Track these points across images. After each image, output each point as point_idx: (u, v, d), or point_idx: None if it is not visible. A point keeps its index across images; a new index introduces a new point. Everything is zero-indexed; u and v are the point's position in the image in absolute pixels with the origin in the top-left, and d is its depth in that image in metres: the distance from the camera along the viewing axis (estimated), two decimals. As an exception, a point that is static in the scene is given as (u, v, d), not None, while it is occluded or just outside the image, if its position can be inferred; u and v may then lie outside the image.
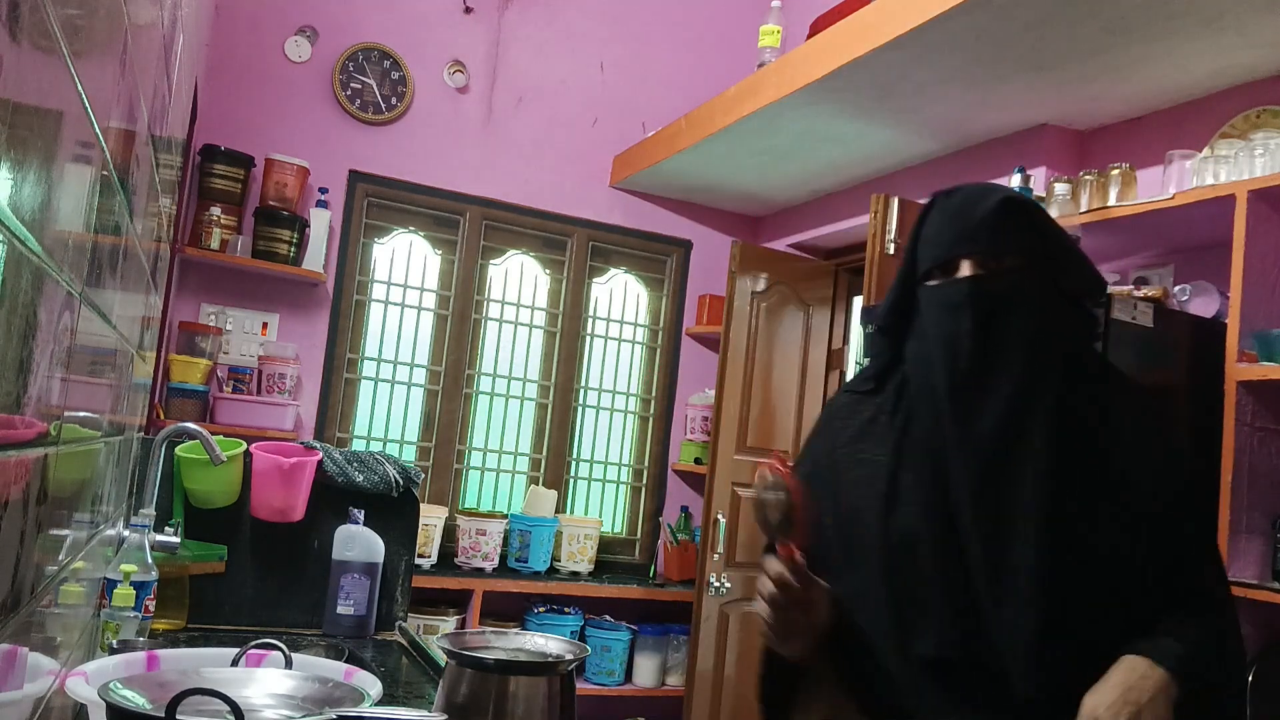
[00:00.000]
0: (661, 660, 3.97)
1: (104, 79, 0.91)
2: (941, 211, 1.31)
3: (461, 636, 1.12)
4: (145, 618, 1.69)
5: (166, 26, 1.49)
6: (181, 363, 3.34)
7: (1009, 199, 1.26)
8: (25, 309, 0.69)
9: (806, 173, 3.74)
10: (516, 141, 4.08)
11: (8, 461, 0.69)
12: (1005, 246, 1.26)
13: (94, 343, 1.10)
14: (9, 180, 0.60)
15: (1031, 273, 1.26)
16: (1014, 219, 1.26)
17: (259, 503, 2.17)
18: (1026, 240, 1.27)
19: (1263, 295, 2.16)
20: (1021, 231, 1.27)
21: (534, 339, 4.21)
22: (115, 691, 0.91)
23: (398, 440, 3.97)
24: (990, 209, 1.26)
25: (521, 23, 4.10)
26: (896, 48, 2.54)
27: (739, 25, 4.27)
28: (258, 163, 3.61)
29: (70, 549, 1.14)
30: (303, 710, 0.99)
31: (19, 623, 0.82)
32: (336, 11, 3.81)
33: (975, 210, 1.27)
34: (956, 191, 1.31)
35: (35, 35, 0.62)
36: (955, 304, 1.26)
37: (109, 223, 1.09)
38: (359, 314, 3.90)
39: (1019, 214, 1.27)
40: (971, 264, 1.26)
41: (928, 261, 1.30)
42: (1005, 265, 1.25)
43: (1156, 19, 2.24)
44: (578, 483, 4.27)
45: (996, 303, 1.25)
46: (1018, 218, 1.27)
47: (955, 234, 1.27)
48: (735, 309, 3.81)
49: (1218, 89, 2.59)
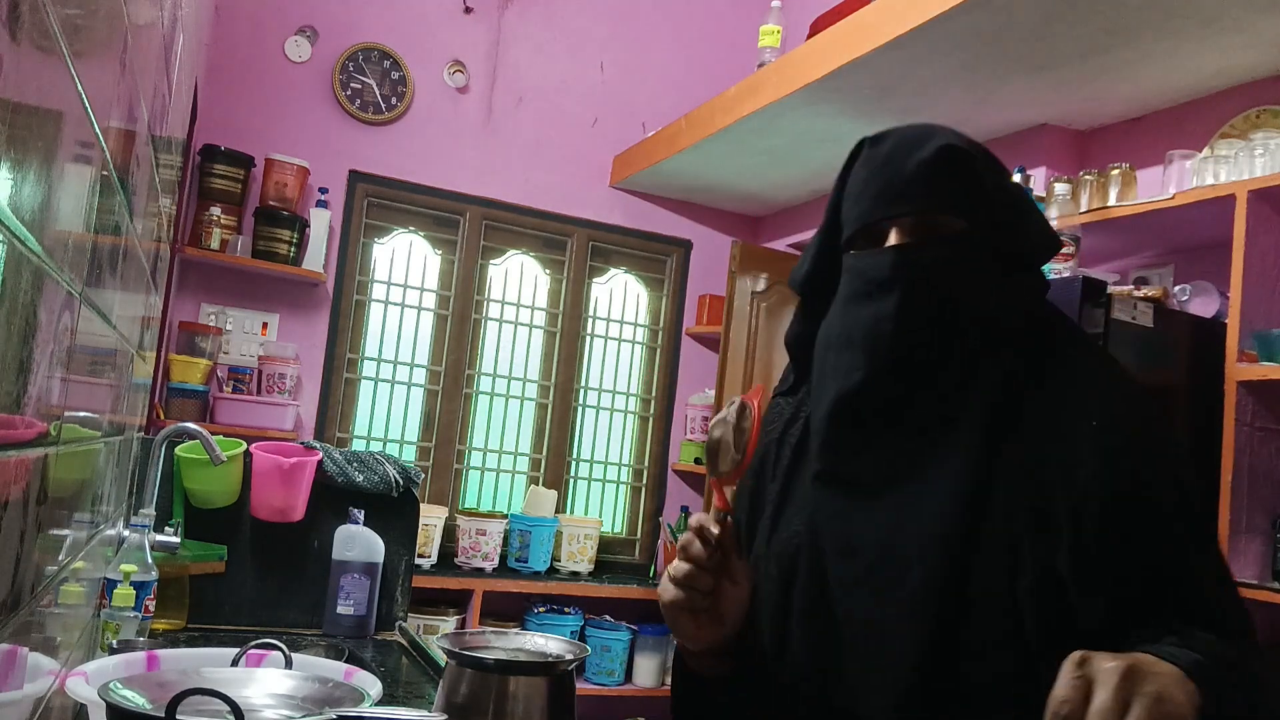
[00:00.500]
0: (661, 660, 3.97)
1: (104, 79, 0.91)
2: (868, 163, 1.06)
3: (461, 636, 1.12)
4: (145, 618, 1.69)
5: (166, 26, 1.49)
6: (181, 363, 3.34)
7: (948, 147, 1.02)
8: (25, 309, 0.69)
9: (806, 173, 3.74)
10: (516, 141, 4.08)
11: (8, 461, 0.69)
12: (942, 206, 1.02)
13: (94, 343, 1.10)
14: (9, 180, 0.60)
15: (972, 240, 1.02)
16: (954, 173, 1.02)
17: (259, 503, 2.17)
18: (968, 199, 1.02)
19: (1263, 295, 2.16)
20: (962, 188, 1.02)
21: (534, 339, 4.21)
22: (115, 691, 0.91)
23: (398, 440, 3.97)
24: (925, 161, 1.01)
25: (521, 23, 4.10)
26: (896, 48, 2.54)
27: (739, 25, 4.27)
28: (258, 163, 3.61)
29: (70, 549, 1.14)
30: (303, 710, 0.99)
31: (19, 623, 0.82)
32: (336, 11, 3.81)
33: (907, 162, 1.02)
34: (887, 137, 1.07)
35: (35, 35, 0.62)
36: (878, 280, 1.03)
37: (109, 223, 1.09)
38: (359, 314, 3.90)
39: (960, 166, 1.02)
40: (899, 230, 1.03)
41: (851, 224, 1.06)
42: (941, 231, 1.02)
43: (1156, 19, 2.24)
44: (578, 483, 4.27)
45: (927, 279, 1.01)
46: (958, 171, 1.02)
47: (881, 192, 1.03)
48: (735, 309, 3.81)
49: (1218, 89, 2.59)
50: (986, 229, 1.03)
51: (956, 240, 1.02)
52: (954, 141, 1.03)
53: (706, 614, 1.04)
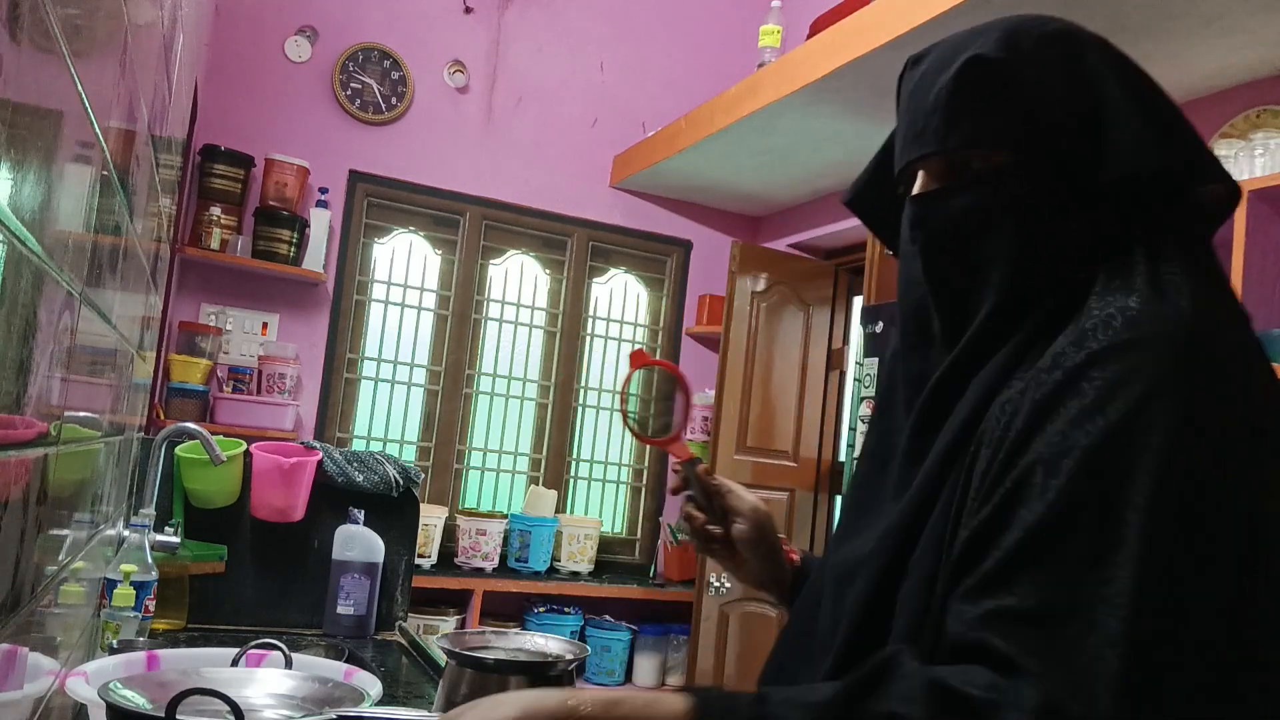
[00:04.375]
0: (661, 660, 3.97)
1: (104, 79, 0.91)
2: (903, 93, 0.89)
3: (461, 636, 1.12)
4: (145, 618, 1.69)
5: (166, 26, 1.49)
6: (181, 363, 3.34)
7: (971, 61, 0.80)
8: (25, 309, 0.69)
9: (806, 173, 3.74)
10: (516, 141, 4.08)
11: (8, 461, 0.69)
12: (965, 141, 0.81)
13: (94, 343, 1.10)
14: (9, 180, 0.60)
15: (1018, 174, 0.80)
16: (982, 94, 0.80)
17: (259, 503, 2.17)
18: (1005, 124, 0.80)
19: (1263, 295, 2.16)
20: (995, 111, 0.80)
21: (534, 339, 4.21)
22: (115, 691, 0.91)
23: (398, 440, 3.97)
24: (945, 86, 0.81)
25: (521, 23, 4.10)
26: (896, 48, 2.53)
27: (739, 25, 4.27)
28: (258, 163, 3.61)
29: (70, 549, 1.14)
30: (303, 710, 0.99)
31: (19, 623, 0.82)
32: (336, 11, 3.81)
33: (933, 87, 0.83)
34: (926, 55, 0.87)
35: (35, 35, 0.62)
36: (908, 238, 0.87)
37: (109, 223, 1.09)
38: (359, 314, 3.90)
39: (991, 83, 0.80)
40: (927, 175, 0.85)
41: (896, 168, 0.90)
42: (972, 172, 0.82)
43: (1156, 19, 2.24)
44: (578, 483, 4.27)
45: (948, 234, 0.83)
46: (988, 90, 0.80)
47: (907, 129, 0.86)
48: (735, 309, 3.81)
49: (1218, 89, 2.59)
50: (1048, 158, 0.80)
51: (995, 179, 0.81)
52: (984, 51, 0.80)
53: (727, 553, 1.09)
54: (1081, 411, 0.69)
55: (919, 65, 0.87)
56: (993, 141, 0.81)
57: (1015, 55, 0.81)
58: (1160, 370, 0.69)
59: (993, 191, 0.81)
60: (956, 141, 0.82)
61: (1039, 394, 0.72)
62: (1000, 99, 0.80)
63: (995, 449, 0.73)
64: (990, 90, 0.80)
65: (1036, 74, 0.80)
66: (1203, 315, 0.72)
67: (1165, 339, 0.70)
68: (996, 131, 0.81)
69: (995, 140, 0.81)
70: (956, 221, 0.82)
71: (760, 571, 1.09)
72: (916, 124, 0.84)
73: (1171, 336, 0.70)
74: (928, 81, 0.84)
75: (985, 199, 0.81)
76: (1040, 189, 0.80)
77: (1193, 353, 0.70)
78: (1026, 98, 0.80)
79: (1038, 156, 0.80)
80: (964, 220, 0.82)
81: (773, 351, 3.90)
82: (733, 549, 1.09)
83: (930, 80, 0.83)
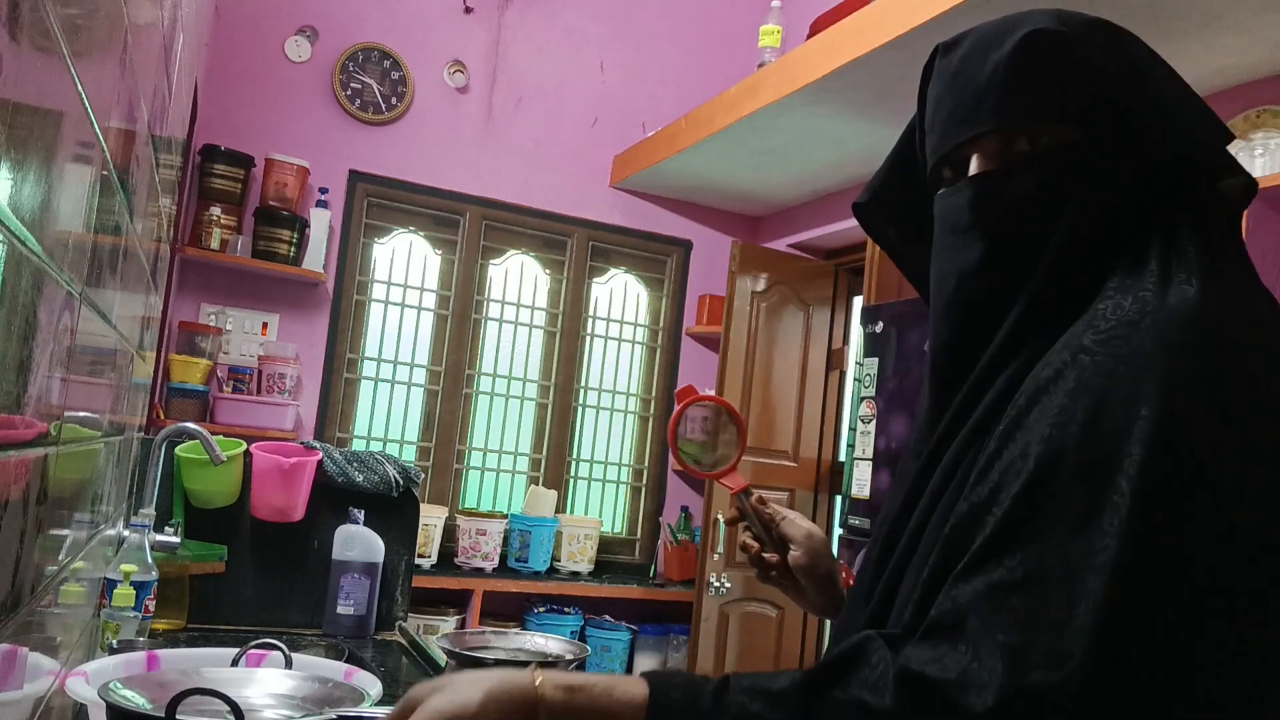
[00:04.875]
0: (661, 660, 3.97)
1: (104, 79, 0.91)
2: (940, 77, 0.86)
3: (461, 636, 1.12)
4: (145, 618, 1.69)
5: (166, 26, 1.49)
6: (181, 363, 3.34)
7: (1032, 35, 0.78)
8: (25, 309, 0.69)
9: (806, 173, 3.74)
10: (516, 141, 4.08)
11: (8, 461, 0.69)
12: (1030, 116, 0.78)
13: (94, 343, 1.10)
14: (9, 180, 0.60)
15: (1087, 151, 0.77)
16: (1046, 67, 0.77)
17: (259, 503, 2.16)
18: (1073, 98, 0.77)
19: (1263, 295, 2.16)
20: (1062, 85, 0.77)
21: (534, 339, 4.21)
22: (115, 691, 0.91)
23: (398, 440, 3.97)
24: (1003, 61, 0.78)
25: (521, 23, 4.10)
26: (896, 48, 2.53)
27: (739, 25, 4.27)
28: (258, 163, 3.61)
29: (70, 549, 1.14)
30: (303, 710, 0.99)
31: (19, 623, 0.82)
32: (336, 11, 3.81)
33: (984, 65, 0.80)
34: (963, 39, 0.85)
35: (35, 35, 0.62)
36: (959, 224, 0.83)
37: (109, 223, 1.09)
38: (359, 314, 3.90)
39: (1055, 56, 0.77)
40: (982, 157, 0.81)
41: (932, 156, 0.87)
42: (1039, 148, 0.79)
43: (1156, 19, 2.24)
44: (578, 483, 4.27)
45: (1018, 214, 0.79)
46: (1052, 63, 0.77)
47: (954, 110, 0.82)
48: (735, 309, 3.81)
49: (1218, 89, 2.59)
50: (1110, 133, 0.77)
51: (1063, 157, 0.78)
52: (1045, 25, 0.78)
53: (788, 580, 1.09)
54: (1078, 386, 0.69)
55: (954, 51, 0.84)
56: (1060, 114, 0.78)
57: (1073, 30, 0.79)
58: (1156, 349, 0.69)
59: (1062, 168, 0.78)
60: (1020, 115, 0.79)
61: (1044, 372, 0.73)
62: (1065, 71, 0.78)
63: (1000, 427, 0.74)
64: (1054, 62, 0.78)
65: (1093, 52, 0.78)
66: (1210, 299, 0.72)
67: (1167, 321, 0.70)
68: (1062, 104, 0.78)
69: (1062, 113, 0.78)
70: (1026, 200, 0.78)
71: (817, 598, 1.09)
72: (966, 103, 0.81)
73: (1173, 318, 0.70)
74: (975, 62, 0.81)
75: (1053, 176, 0.78)
76: (1108, 165, 0.78)
77: (1192, 333, 0.70)
78: (1090, 71, 0.78)
79: (1104, 133, 0.78)
80: (1034, 199, 0.78)
81: (773, 351, 3.90)
82: (792, 576, 1.09)
83: (978, 60, 0.80)
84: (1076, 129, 0.78)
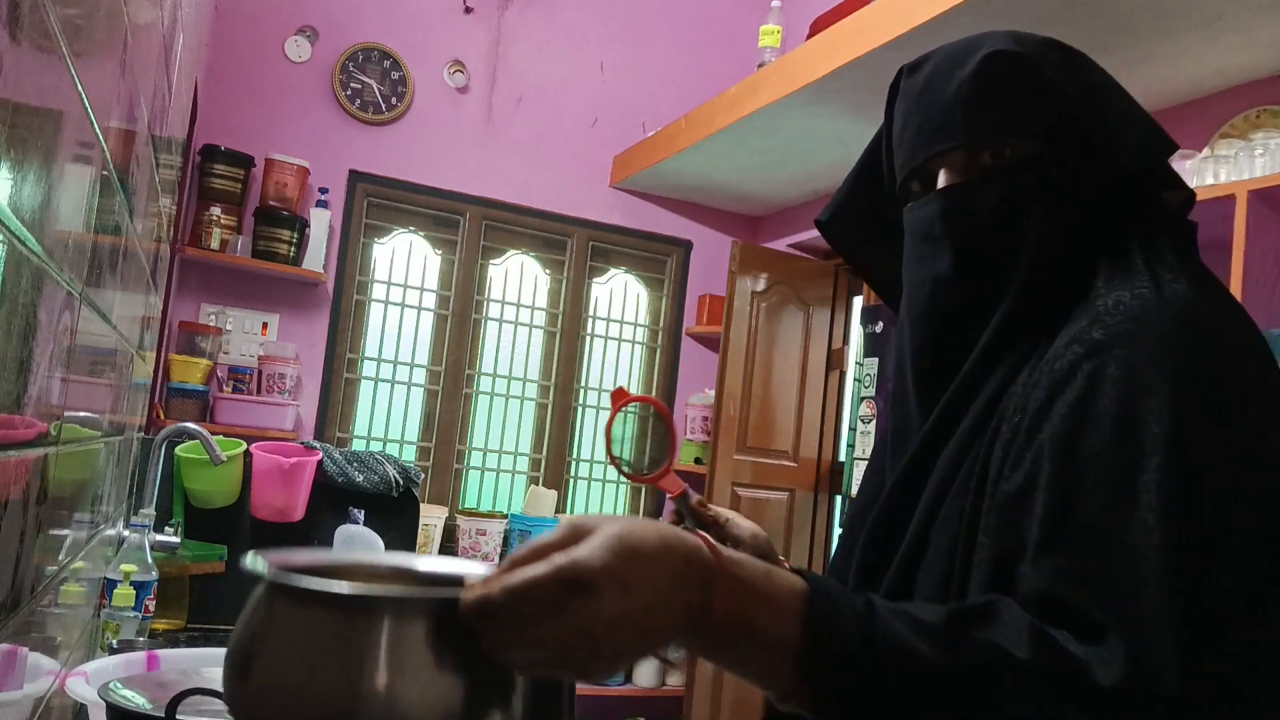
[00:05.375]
0: (660, 657, 3.97)
1: (104, 79, 0.91)
2: (906, 95, 0.91)
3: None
4: (145, 618, 1.70)
5: (166, 26, 1.49)
6: (181, 363, 3.34)
7: (993, 55, 0.83)
8: (25, 309, 0.69)
9: (806, 173, 3.74)
10: (516, 141, 4.08)
11: (8, 461, 0.69)
12: (996, 131, 0.83)
13: (94, 343, 1.10)
14: (9, 180, 0.60)
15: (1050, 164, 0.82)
16: (1008, 83, 0.83)
17: (259, 503, 2.17)
18: (1035, 112, 0.82)
19: (1263, 295, 2.16)
20: (1024, 100, 0.83)
21: (534, 339, 4.21)
22: (115, 691, 0.91)
23: (398, 440, 3.97)
24: (968, 78, 0.83)
25: (521, 23, 4.10)
26: (896, 48, 2.53)
27: (739, 25, 4.27)
28: (258, 163, 3.61)
29: (70, 549, 1.14)
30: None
31: (19, 623, 0.82)
32: (336, 11, 3.81)
33: (949, 84, 0.85)
34: (926, 60, 0.90)
35: (35, 35, 0.62)
36: (930, 234, 0.86)
37: (109, 223, 1.09)
38: (359, 314, 3.90)
39: (1016, 74, 0.83)
40: (949, 170, 0.85)
41: (900, 172, 0.90)
42: (1004, 160, 0.83)
43: (1156, 19, 2.24)
44: (578, 483, 4.27)
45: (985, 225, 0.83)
46: (1014, 80, 0.83)
47: (921, 126, 0.86)
48: (735, 309, 3.81)
49: (1218, 89, 2.59)
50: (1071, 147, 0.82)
51: (1026, 170, 0.82)
52: (1005, 46, 0.84)
53: None
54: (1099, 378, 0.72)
55: (919, 71, 0.89)
56: (1023, 129, 0.83)
57: (1030, 51, 0.84)
58: (1165, 343, 0.72)
59: (1026, 181, 0.82)
60: (985, 131, 0.83)
61: (1058, 368, 0.75)
62: (1026, 89, 0.83)
63: (1018, 424, 0.76)
64: (1015, 80, 0.83)
65: (1052, 71, 0.83)
66: (1201, 298, 0.76)
67: (1172, 317, 0.73)
68: (1024, 120, 0.83)
69: (1025, 128, 0.82)
70: (992, 212, 0.83)
71: None
72: (933, 120, 0.85)
73: (1177, 315, 0.73)
74: (940, 80, 0.85)
75: (1018, 189, 0.82)
76: (1070, 178, 0.82)
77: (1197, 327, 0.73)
78: (1050, 89, 0.83)
79: (1065, 146, 0.82)
80: (1000, 210, 0.83)
81: (773, 351, 3.90)
82: None
83: (944, 79, 0.85)
84: (1039, 144, 0.83)
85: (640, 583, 0.61)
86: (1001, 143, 0.83)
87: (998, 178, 0.83)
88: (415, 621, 0.58)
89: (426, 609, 0.59)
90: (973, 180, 0.84)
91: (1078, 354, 0.74)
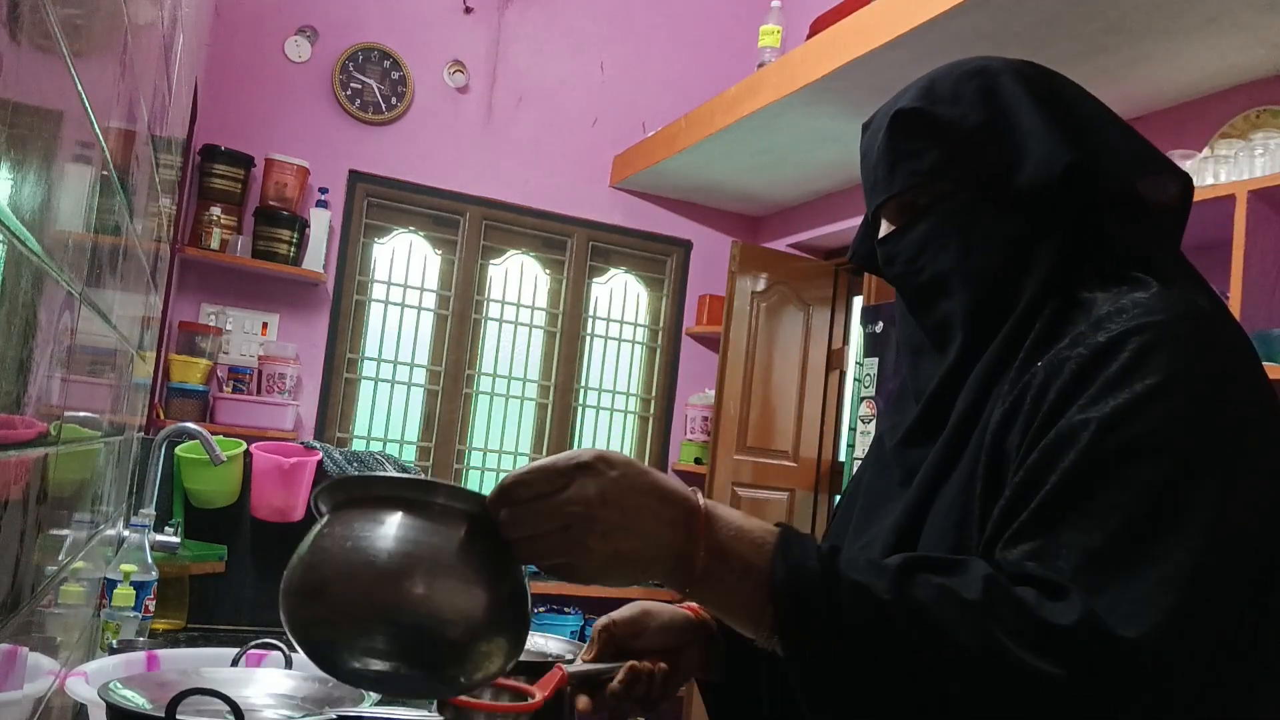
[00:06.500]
0: (661, 660, 3.97)
1: (104, 79, 0.91)
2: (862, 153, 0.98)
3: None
4: (145, 618, 1.69)
5: (166, 26, 1.49)
6: (181, 363, 3.34)
7: (895, 115, 0.90)
8: (25, 309, 0.69)
9: (806, 173, 3.74)
10: (516, 141, 4.08)
11: (8, 461, 0.69)
12: (906, 181, 0.90)
13: (94, 343, 1.10)
14: (9, 180, 0.60)
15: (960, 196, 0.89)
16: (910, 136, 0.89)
17: (259, 503, 2.16)
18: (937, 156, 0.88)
19: (1263, 295, 2.16)
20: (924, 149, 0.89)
21: (534, 339, 4.21)
22: (115, 691, 0.91)
23: (398, 440, 3.97)
24: (883, 139, 0.91)
25: (521, 23, 4.10)
26: (896, 48, 2.54)
27: (739, 25, 4.27)
28: (258, 163, 3.61)
29: (70, 549, 1.14)
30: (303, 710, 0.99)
31: (19, 623, 0.82)
32: (336, 11, 3.81)
33: (874, 143, 0.93)
34: (873, 119, 0.97)
35: (35, 35, 0.62)
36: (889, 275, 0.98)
37: (109, 223, 1.09)
38: (359, 314, 3.90)
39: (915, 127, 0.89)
40: (887, 218, 0.95)
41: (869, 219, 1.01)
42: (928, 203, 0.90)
43: (1156, 19, 2.24)
44: (578, 483, 4.26)
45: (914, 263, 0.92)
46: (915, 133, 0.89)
47: (865, 183, 0.97)
48: (735, 309, 3.81)
49: (1218, 89, 2.59)
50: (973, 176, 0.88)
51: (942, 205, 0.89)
52: (906, 104, 0.90)
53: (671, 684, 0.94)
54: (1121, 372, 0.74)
55: (866, 130, 0.97)
56: (927, 175, 0.89)
57: (931, 100, 0.90)
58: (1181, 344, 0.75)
59: (939, 217, 0.90)
60: (899, 184, 0.91)
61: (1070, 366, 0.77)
62: (923, 140, 0.89)
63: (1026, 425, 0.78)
64: (916, 133, 0.89)
65: (954, 110, 0.89)
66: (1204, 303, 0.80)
67: (1182, 318, 0.76)
68: (928, 168, 0.89)
69: (929, 174, 0.89)
70: (914, 250, 0.92)
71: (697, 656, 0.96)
72: (870, 178, 0.95)
73: (1187, 316, 0.77)
74: (870, 141, 0.95)
75: (933, 225, 0.90)
76: (975, 203, 0.89)
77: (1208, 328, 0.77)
78: (946, 133, 0.89)
79: (968, 177, 0.89)
80: (919, 247, 0.91)
81: (773, 351, 3.90)
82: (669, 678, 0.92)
83: (872, 139, 0.94)
84: (950, 183, 0.89)
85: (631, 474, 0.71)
86: (916, 189, 0.90)
87: (915, 222, 0.92)
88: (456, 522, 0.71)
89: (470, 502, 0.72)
90: (898, 228, 0.94)
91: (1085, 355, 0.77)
